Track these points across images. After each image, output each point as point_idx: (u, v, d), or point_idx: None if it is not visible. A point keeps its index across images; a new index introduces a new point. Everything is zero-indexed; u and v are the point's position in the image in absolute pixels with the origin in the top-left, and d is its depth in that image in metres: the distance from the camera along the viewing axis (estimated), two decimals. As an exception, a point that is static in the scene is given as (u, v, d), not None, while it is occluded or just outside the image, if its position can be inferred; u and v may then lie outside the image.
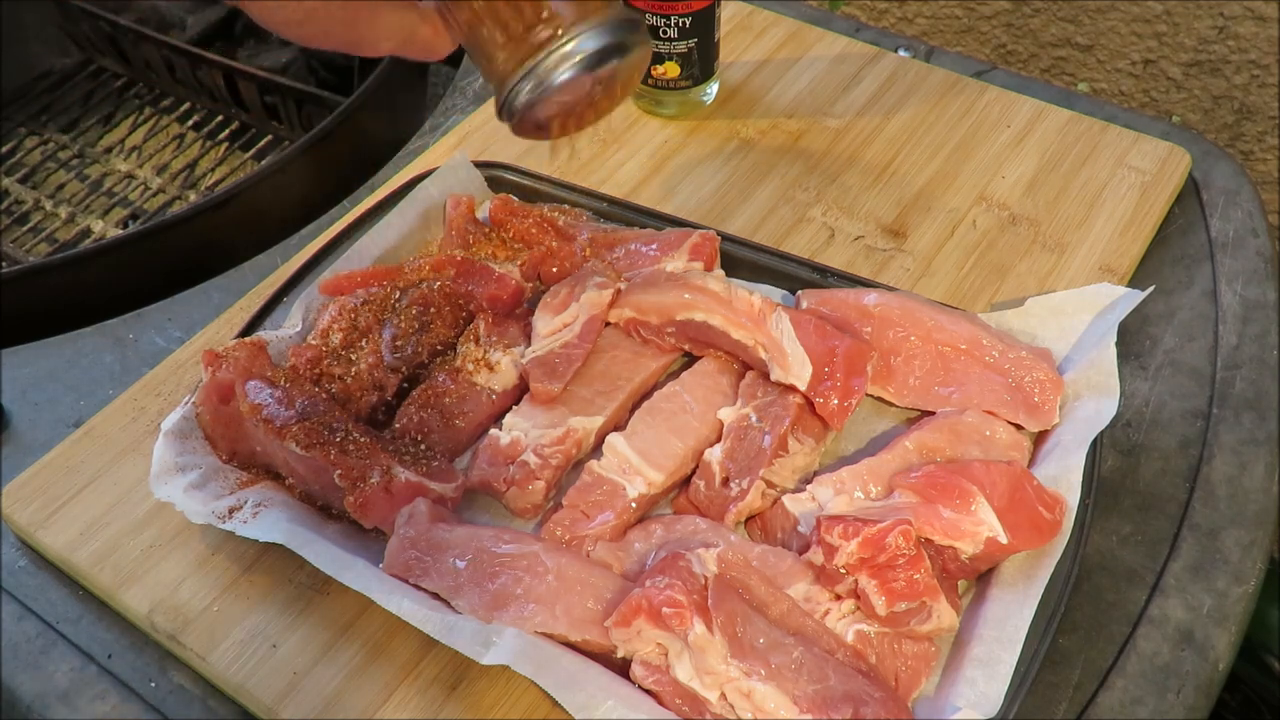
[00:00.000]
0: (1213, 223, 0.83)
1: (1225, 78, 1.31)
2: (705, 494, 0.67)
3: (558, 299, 0.73)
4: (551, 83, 0.53)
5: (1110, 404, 0.66)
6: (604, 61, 0.53)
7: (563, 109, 0.56)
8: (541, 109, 0.55)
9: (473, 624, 0.58)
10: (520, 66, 0.53)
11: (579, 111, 0.57)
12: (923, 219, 0.83)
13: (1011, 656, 0.58)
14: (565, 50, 0.53)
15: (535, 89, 0.53)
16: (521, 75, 0.53)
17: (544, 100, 0.54)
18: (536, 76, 0.53)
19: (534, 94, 0.54)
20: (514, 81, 0.54)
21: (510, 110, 0.55)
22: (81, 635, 0.65)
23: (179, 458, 0.66)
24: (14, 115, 1.23)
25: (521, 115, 0.55)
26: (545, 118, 0.56)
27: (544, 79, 0.53)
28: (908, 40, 0.99)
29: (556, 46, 0.53)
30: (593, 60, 0.53)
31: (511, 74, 0.54)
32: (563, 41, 0.53)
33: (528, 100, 0.54)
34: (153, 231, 0.89)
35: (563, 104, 0.55)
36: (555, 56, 0.53)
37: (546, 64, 0.53)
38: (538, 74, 0.53)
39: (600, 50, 0.53)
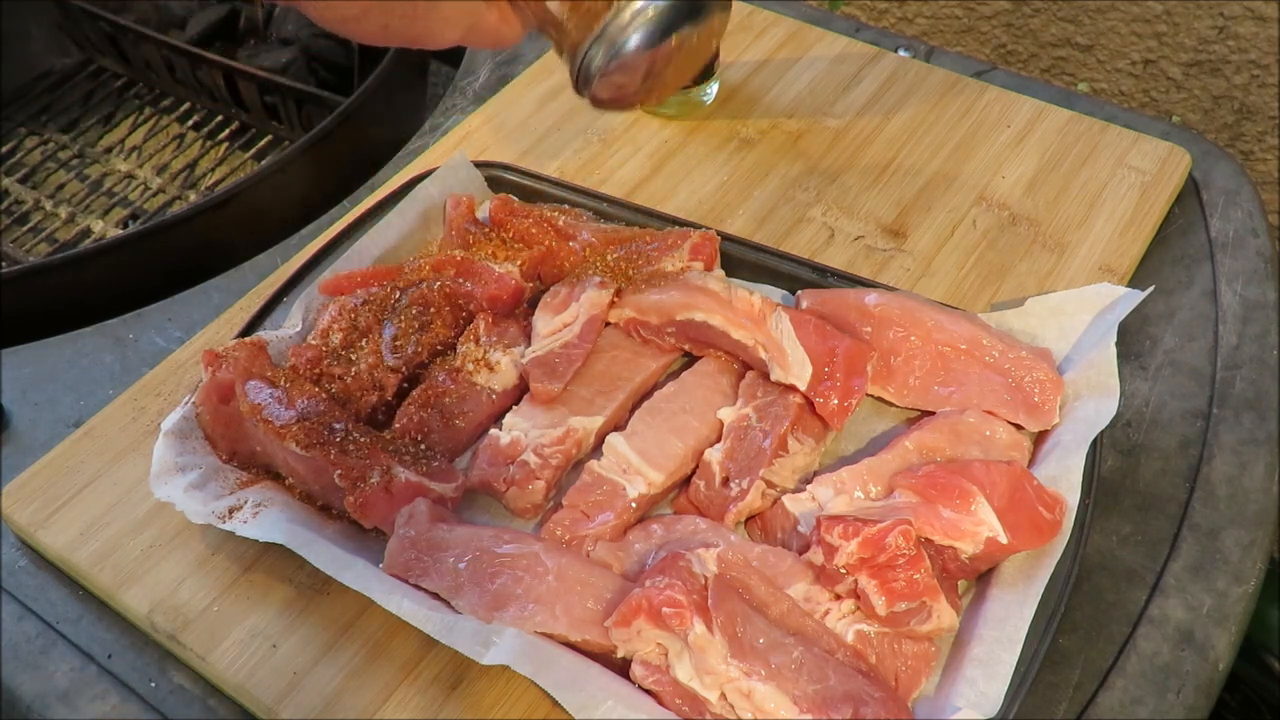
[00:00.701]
0: (1213, 223, 0.83)
1: (1225, 78, 1.31)
2: (705, 494, 0.67)
3: (558, 299, 0.73)
4: (625, 44, 0.49)
5: (1110, 404, 0.66)
6: (676, 18, 0.49)
7: (641, 73, 0.51)
8: (618, 75, 0.50)
9: (473, 624, 0.58)
10: (590, 30, 0.49)
11: (660, 75, 0.52)
12: (923, 219, 0.83)
13: (1011, 656, 0.58)
14: (635, 7, 0.49)
15: (609, 53, 0.50)
16: (593, 39, 0.49)
17: (619, 64, 0.50)
18: (608, 38, 0.49)
19: (608, 58, 0.50)
20: (586, 47, 0.50)
21: (586, 79, 0.51)
22: (81, 635, 0.65)
23: (179, 458, 0.66)
24: (14, 115, 1.23)
25: (597, 84, 0.51)
26: (623, 84, 0.51)
27: (616, 40, 0.49)
28: (908, 40, 0.99)
29: (625, 4, 0.49)
30: (667, 15, 0.49)
31: (582, 40, 0.50)
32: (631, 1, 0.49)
33: (602, 66, 0.50)
34: (153, 231, 0.89)
35: (640, 68, 0.51)
36: (627, 14, 0.49)
37: (618, 23, 0.49)
38: (609, 35, 0.49)
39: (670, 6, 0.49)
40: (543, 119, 0.92)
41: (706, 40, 0.53)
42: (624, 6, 0.49)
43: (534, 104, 0.93)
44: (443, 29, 0.51)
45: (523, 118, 0.92)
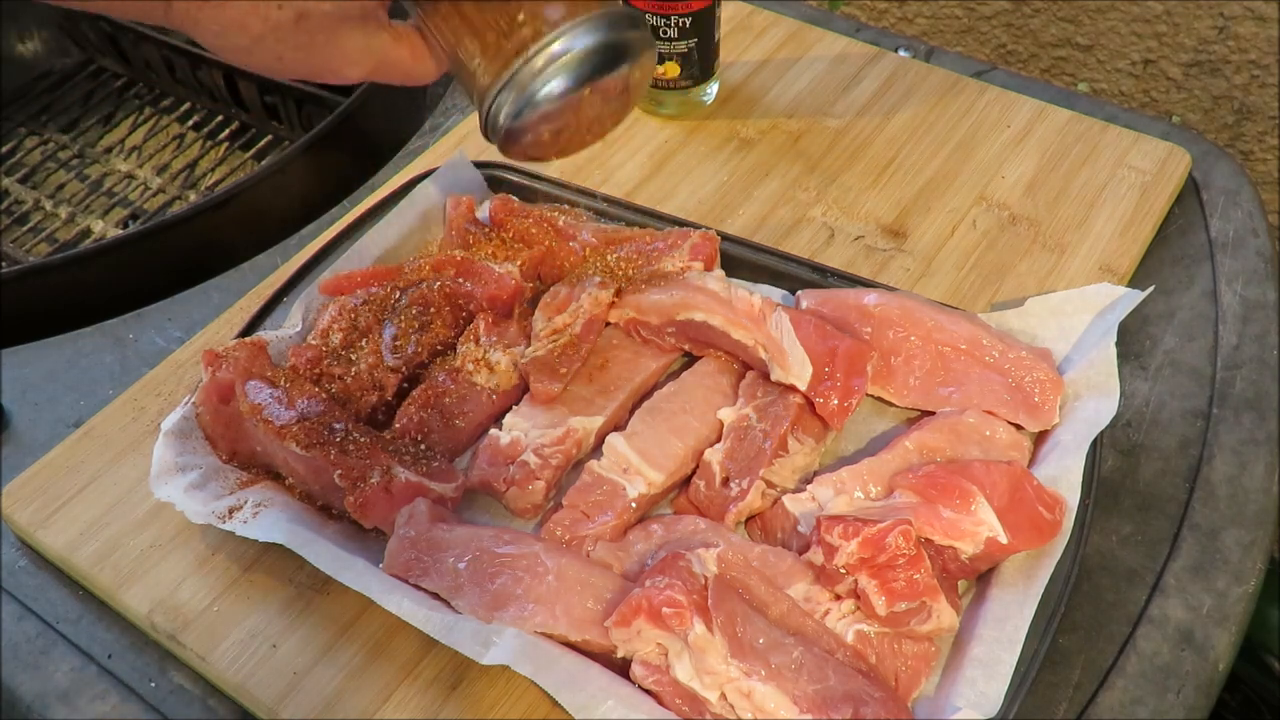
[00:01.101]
0: (1213, 223, 0.83)
1: (1225, 78, 1.31)
2: (705, 494, 0.67)
3: (558, 299, 0.73)
4: (535, 91, 0.45)
5: (1110, 404, 0.66)
6: (597, 65, 0.45)
7: (554, 123, 0.47)
8: (528, 124, 0.46)
9: (473, 624, 0.58)
10: (500, 75, 0.45)
11: (575, 126, 0.48)
12: (923, 219, 0.83)
13: (1011, 656, 0.58)
14: (550, 52, 0.45)
15: (518, 100, 0.45)
16: (501, 85, 0.45)
17: (530, 113, 0.46)
18: (518, 85, 0.45)
19: (517, 106, 0.45)
20: (494, 93, 0.45)
21: (493, 127, 0.47)
22: (81, 635, 0.65)
23: (179, 458, 0.66)
24: (14, 115, 1.23)
25: (506, 133, 0.47)
26: (534, 134, 0.47)
27: (526, 87, 0.45)
28: (908, 40, 0.99)
29: (540, 48, 0.45)
30: (583, 64, 0.45)
31: (491, 85, 0.46)
32: (547, 41, 0.45)
33: (511, 114, 0.46)
34: (153, 231, 0.89)
35: (553, 117, 0.46)
36: (539, 60, 0.45)
37: (529, 69, 0.45)
38: (519, 81, 0.45)
39: (591, 50, 0.45)
40: (543, 119, 0.92)
41: (626, 93, 0.48)
42: (538, 51, 0.45)
43: (534, 104, 0.93)
44: (344, 65, 0.48)
45: (523, 118, 0.92)
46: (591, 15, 0.45)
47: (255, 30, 0.46)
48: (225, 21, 0.45)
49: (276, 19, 0.45)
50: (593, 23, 0.45)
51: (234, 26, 0.46)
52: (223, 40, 0.47)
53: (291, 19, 0.45)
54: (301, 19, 0.45)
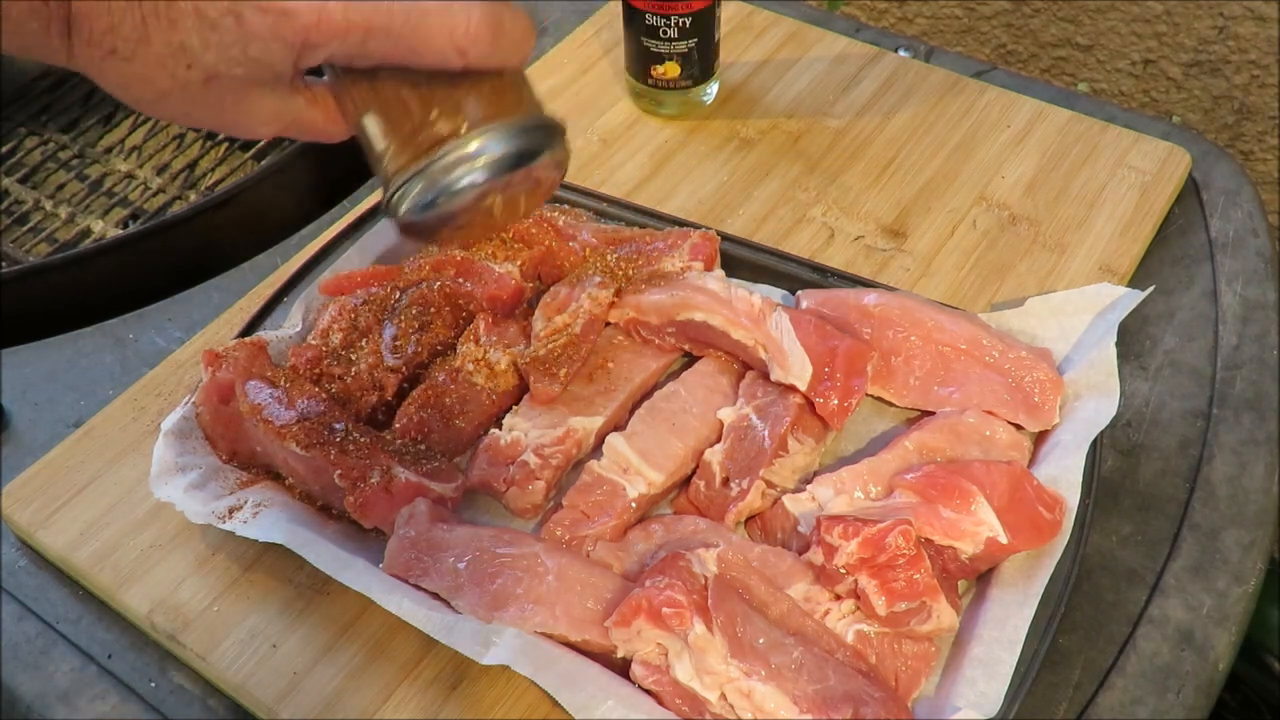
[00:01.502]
0: (1213, 223, 0.83)
1: (1225, 78, 1.31)
2: (705, 494, 0.67)
3: (558, 299, 0.73)
4: (445, 187, 0.45)
5: (1110, 404, 0.66)
6: (508, 169, 0.46)
7: (456, 218, 0.47)
8: (431, 217, 0.46)
9: (473, 624, 0.58)
10: (410, 165, 0.45)
11: (475, 220, 0.49)
12: (923, 219, 0.83)
13: (1011, 656, 0.58)
14: (465, 152, 0.45)
15: (425, 193, 0.45)
16: (410, 175, 0.45)
17: (435, 208, 0.46)
18: (428, 178, 0.45)
19: (423, 197, 0.45)
20: (401, 181, 0.46)
21: (394, 213, 0.47)
22: (81, 635, 0.65)
23: (179, 458, 0.66)
24: (14, 115, 1.23)
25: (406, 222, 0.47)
26: (434, 226, 0.47)
27: (436, 182, 0.45)
28: (908, 40, 0.99)
29: (455, 147, 0.45)
30: (496, 166, 0.45)
31: (399, 172, 0.46)
32: (464, 141, 0.45)
33: (415, 206, 0.46)
34: (153, 231, 0.89)
35: (456, 211, 0.47)
36: (453, 157, 0.45)
37: (440, 165, 0.45)
38: (429, 175, 0.45)
39: (506, 155, 0.45)
40: (543, 119, 0.92)
41: (533, 196, 0.49)
42: (452, 150, 0.45)
43: (534, 104, 0.93)
44: (254, 124, 0.47)
45: (523, 118, 0.92)
46: (509, 121, 0.45)
47: (162, 86, 0.44)
48: (130, 76, 0.44)
49: (184, 78, 0.44)
50: (510, 128, 0.45)
51: (139, 81, 0.44)
52: (127, 93, 0.45)
53: (200, 79, 0.44)
54: (210, 80, 0.44)
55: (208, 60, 0.43)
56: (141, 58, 0.43)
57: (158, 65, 0.43)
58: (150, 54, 0.43)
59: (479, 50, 0.44)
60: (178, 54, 0.43)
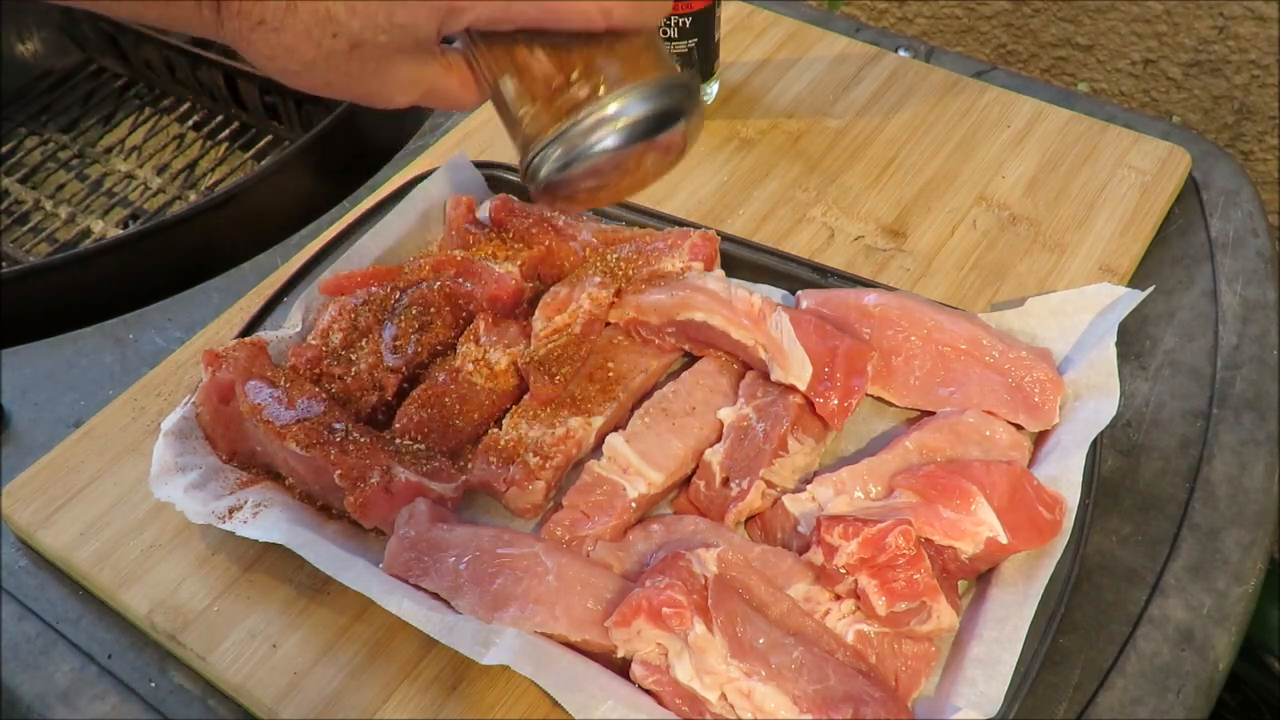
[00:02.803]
0: (1213, 223, 0.83)
1: (1225, 78, 1.31)
2: (705, 494, 0.67)
3: (558, 299, 0.73)
4: (584, 151, 0.45)
5: (1110, 404, 0.66)
6: (648, 131, 0.46)
7: (595, 181, 0.48)
8: (570, 180, 0.47)
9: (473, 624, 0.58)
10: (550, 128, 0.46)
11: (614, 184, 0.49)
12: (923, 219, 0.83)
13: (1011, 656, 0.58)
14: (605, 114, 0.45)
15: (565, 156, 0.46)
16: (551, 139, 0.46)
17: (574, 172, 0.46)
18: (568, 142, 0.45)
19: (562, 161, 0.46)
20: (541, 145, 0.46)
21: (533, 177, 0.47)
22: (81, 635, 0.65)
23: (179, 458, 0.66)
24: (14, 115, 1.23)
25: (545, 186, 0.47)
26: (573, 190, 0.48)
27: (576, 146, 0.45)
28: (908, 40, 0.99)
29: (595, 109, 0.45)
30: (636, 128, 0.45)
31: (539, 136, 0.46)
32: (603, 103, 0.45)
33: (554, 170, 0.46)
34: (153, 231, 0.89)
35: (595, 174, 0.47)
36: (592, 120, 0.45)
37: (580, 128, 0.45)
38: (569, 139, 0.45)
39: (646, 117, 0.45)
40: (543, 119, 0.92)
41: (671, 154, 0.49)
42: (591, 113, 0.45)
43: (534, 104, 0.93)
44: (393, 93, 0.48)
45: (523, 118, 0.92)
46: (648, 81, 0.45)
47: (307, 56, 0.45)
48: (277, 46, 0.45)
49: (330, 47, 0.45)
50: (648, 89, 0.45)
51: (285, 51, 0.45)
52: (273, 63, 0.46)
53: (345, 48, 0.45)
54: (355, 48, 0.45)
55: (353, 28, 0.44)
56: (289, 27, 0.44)
57: (304, 34, 0.44)
58: (298, 23, 0.44)
59: (621, 12, 0.44)
60: (324, 23, 0.44)
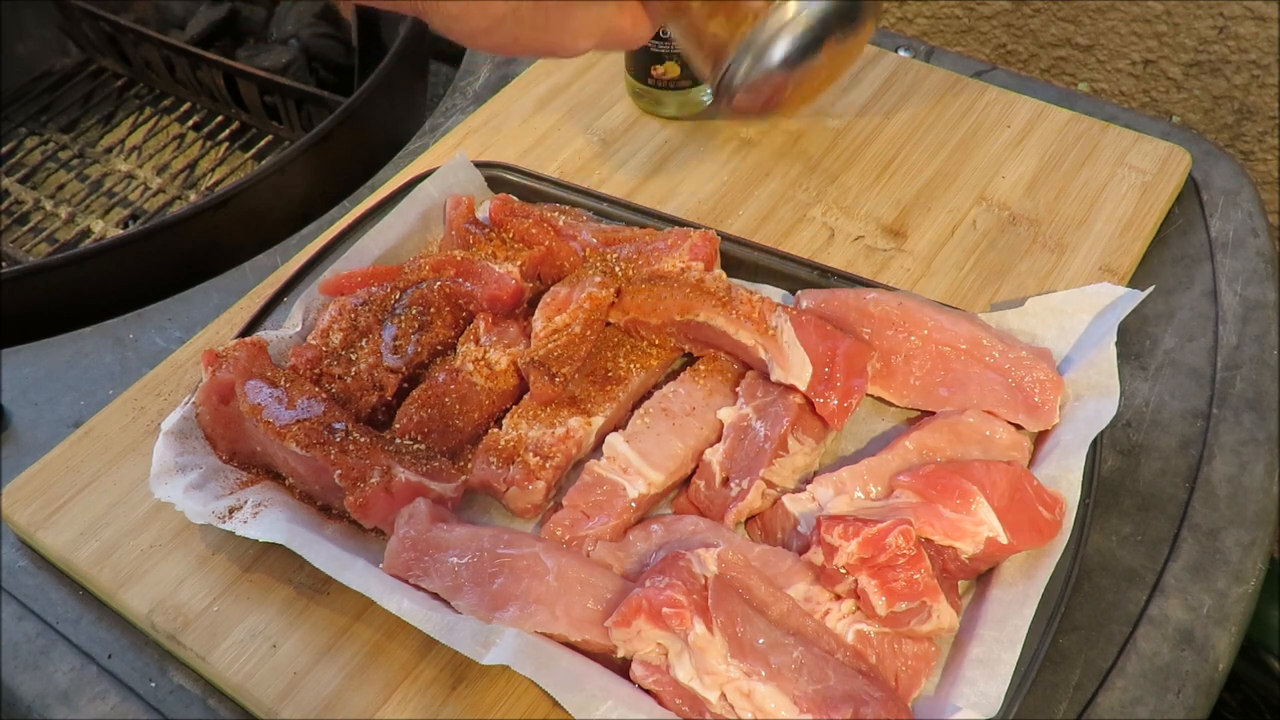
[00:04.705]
0: (1213, 223, 0.83)
1: (1225, 78, 1.31)
2: (705, 494, 0.67)
3: (558, 299, 0.73)
4: (770, 55, 0.46)
5: (1110, 404, 0.66)
6: (831, 26, 0.46)
7: (786, 84, 0.48)
8: (763, 85, 0.47)
9: (473, 624, 0.58)
10: (734, 40, 0.46)
11: (805, 84, 0.49)
12: (923, 219, 0.83)
13: (1011, 656, 0.58)
14: (785, 15, 0.45)
15: (754, 64, 0.46)
16: (737, 50, 0.46)
17: (765, 76, 0.47)
18: (754, 49, 0.46)
19: (752, 70, 0.47)
20: (729, 58, 0.47)
21: (728, 90, 0.48)
22: (81, 635, 0.65)
23: (179, 458, 0.66)
24: (14, 115, 1.23)
25: (740, 95, 0.48)
26: (766, 94, 0.48)
27: (764, 50, 0.46)
28: (908, 40, 0.99)
29: (775, 12, 0.45)
30: (818, 26, 0.46)
31: (724, 48, 0.47)
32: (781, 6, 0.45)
33: (746, 78, 0.47)
34: (153, 231, 0.89)
35: (786, 78, 0.48)
36: (774, 23, 0.46)
37: (764, 34, 0.46)
38: (755, 46, 0.46)
39: (825, 12, 0.46)
40: (543, 119, 0.92)
41: (856, 45, 0.50)
42: (771, 16, 0.46)
43: (534, 104, 0.93)
44: (575, 39, 0.49)
45: (523, 118, 0.92)
46: None
47: (497, 13, 0.46)
48: (469, 7, 0.46)
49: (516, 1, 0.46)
50: None
51: (476, 11, 0.47)
52: (461, 24, 0.47)
53: None
54: None
55: None
56: None
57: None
58: None
59: None
60: None
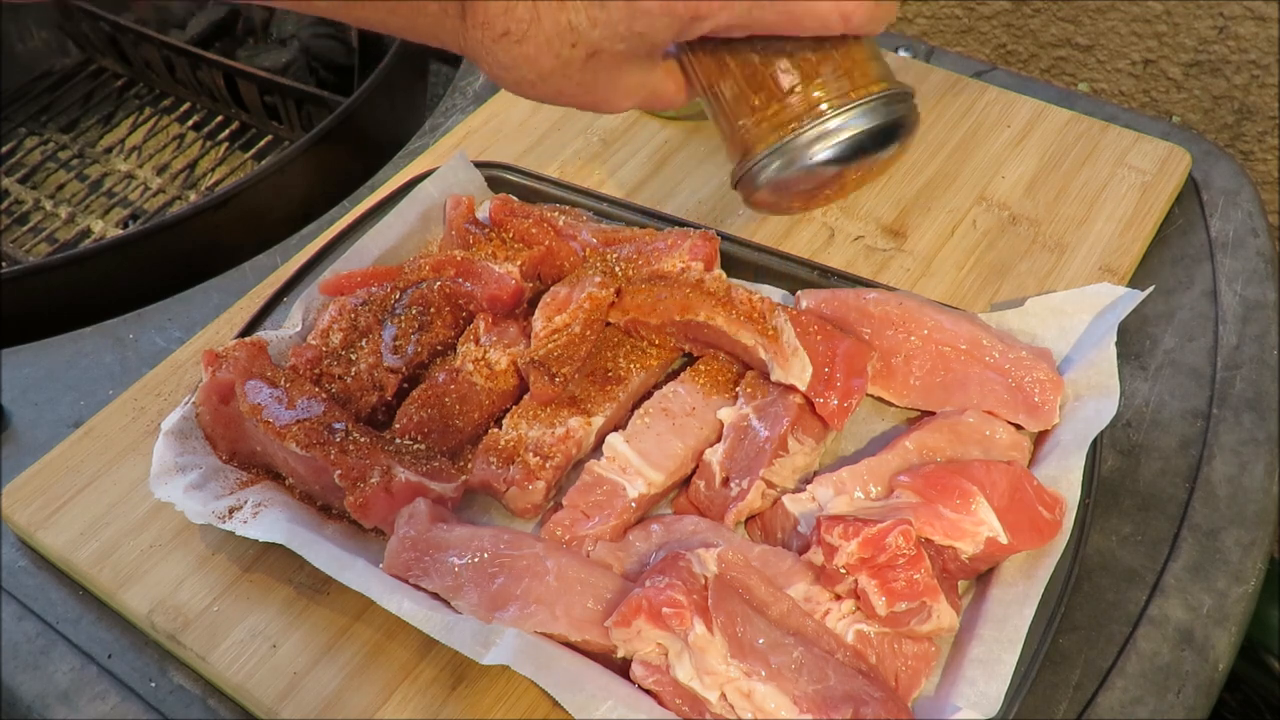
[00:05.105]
0: (1213, 223, 0.83)
1: (1225, 78, 1.31)
2: (705, 494, 0.67)
3: (558, 299, 0.73)
4: (804, 163, 0.45)
5: (1110, 404, 0.66)
6: (869, 145, 0.46)
7: (810, 188, 0.48)
8: (787, 188, 0.47)
9: (472, 624, 0.58)
10: (769, 138, 0.46)
11: (826, 189, 0.49)
12: (923, 219, 0.83)
13: (1011, 656, 0.58)
14: (827, 128, 0.45)
15: (784, 168, 0.46)
16: (772, 149, 0.46)
17: (791, 180, 0.46)
18: (788, 154, 0.45)
19: (781, 173, 0.46)
20: (761, 155, 0.46)
21: (749, 184, 0.47)
22: (81, 635, 0.65)
23: (179, 458, 0.66)
24: (14, 115, 1.23)
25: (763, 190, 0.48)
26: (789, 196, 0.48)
27: (796, 158, 0.45)
28: (908, 40, 0.99)
29: (817, 122, 0.45)
30: (856, 143, 0.45)
31: (757, 144, 0.46)
32: (826, 118, 0.45)
33: (773, 178, 0.46)
34: (153, 231, 0.89)
35: (811, 183, 0.47)
36: (814, 133, 0.45)
37: (800, 142, 0.45)
38: (790, 151, 0.45)
39: (867, 133, 0.45)
40: (543, 119, 0.92)
41: (888, 163, 0.49)
42: (810, 126, 0.45)
43: (534, 104, 0.93)
44: (620, 99, 0.50)
45: (523, 118, 0.92)
46: (872, 95, 0.44)
47: (546, 67, 0.46)
48: (518, 56, 0.46)
49: (568, 57, 0.46)
50: (872, 104, 0.45)
51: (525, 62, 0.46)
52: (510, 74, 0.48)
53: (582, 57, 0.46)
54: (592, 57, 0.46)
55: (593, 38, 0.45)
56: (532, 38, 0.45)
57: (545, 45, 0.46)
58: (540, 34, 0.45)
59: (860, 15, 0.45)
60: (565, 33, 0.45)
